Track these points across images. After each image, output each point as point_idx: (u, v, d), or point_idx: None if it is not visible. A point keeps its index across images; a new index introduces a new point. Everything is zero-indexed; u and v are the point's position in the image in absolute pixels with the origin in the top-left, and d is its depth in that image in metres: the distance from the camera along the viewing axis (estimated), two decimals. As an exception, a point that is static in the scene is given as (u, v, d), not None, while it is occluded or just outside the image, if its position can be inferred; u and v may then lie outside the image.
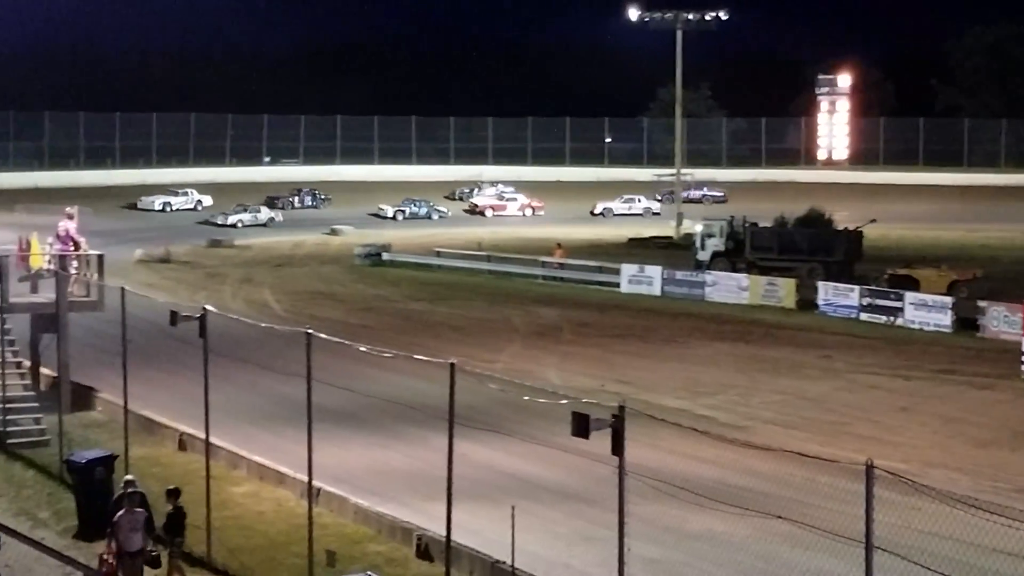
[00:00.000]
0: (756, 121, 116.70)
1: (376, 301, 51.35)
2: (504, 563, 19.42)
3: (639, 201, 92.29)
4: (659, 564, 18.98)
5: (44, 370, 32.49)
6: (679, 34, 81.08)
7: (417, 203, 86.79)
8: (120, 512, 18.96)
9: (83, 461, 23.52)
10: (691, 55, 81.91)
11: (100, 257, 33.06)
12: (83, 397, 30.96)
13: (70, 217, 33.55)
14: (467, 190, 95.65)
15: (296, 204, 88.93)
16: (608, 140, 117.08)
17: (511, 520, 18.81)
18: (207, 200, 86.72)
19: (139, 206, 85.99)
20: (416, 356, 22.91)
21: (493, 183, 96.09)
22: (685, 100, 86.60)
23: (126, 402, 25.15)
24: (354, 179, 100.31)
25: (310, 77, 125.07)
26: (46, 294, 32.00)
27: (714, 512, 18.05)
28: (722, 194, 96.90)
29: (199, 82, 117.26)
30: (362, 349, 23.41)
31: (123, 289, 25.09)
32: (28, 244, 33.12)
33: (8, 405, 29.07)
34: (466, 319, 47.28)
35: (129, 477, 20.32)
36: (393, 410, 28.41)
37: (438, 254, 63.27)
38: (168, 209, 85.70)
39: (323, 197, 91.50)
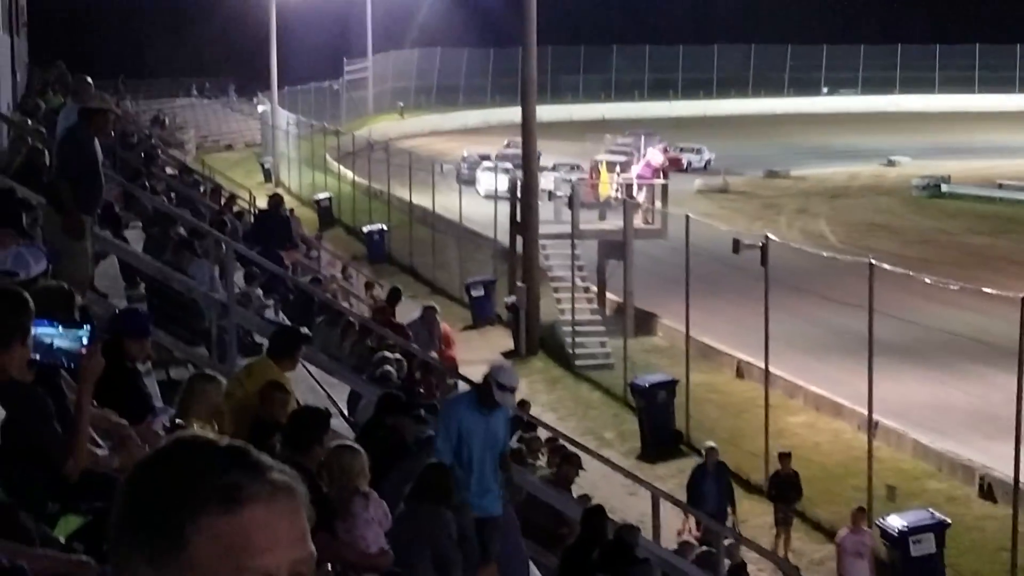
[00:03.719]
0: None
1: (933, 234, 50.04)
2: (1074, 507, 18.71)
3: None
4: None
5: (609, 295, 33.85)
6: None
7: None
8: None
9: (646, 385, 24.45)
10: None
11: (664, 187, 34.10)
12: (645, 323, 31.99)
13: (665, 151, 34.86)
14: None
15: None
16: None
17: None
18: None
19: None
20: (984, 289, 22.27)
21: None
22: None
23: (688, 328, 25.88)
24: (913, 110, 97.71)
25: (871, 4, 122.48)
26: (613, 222, 33.31)
27: None
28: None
29: (761, 12, 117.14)
30: (927, 281, 23.01)
31: (687, 217, 25.80)
32: (598, 173, 34.61)
33: (577, 328, 30.58)
34: (1030, 254, 45.30)
35: (711, 444, 20.09)
36: (952, 345, 27.75)
37: (1000, 186, 60.81)
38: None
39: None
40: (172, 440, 2.02)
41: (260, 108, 78.12)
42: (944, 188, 61.05)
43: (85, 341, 5.43)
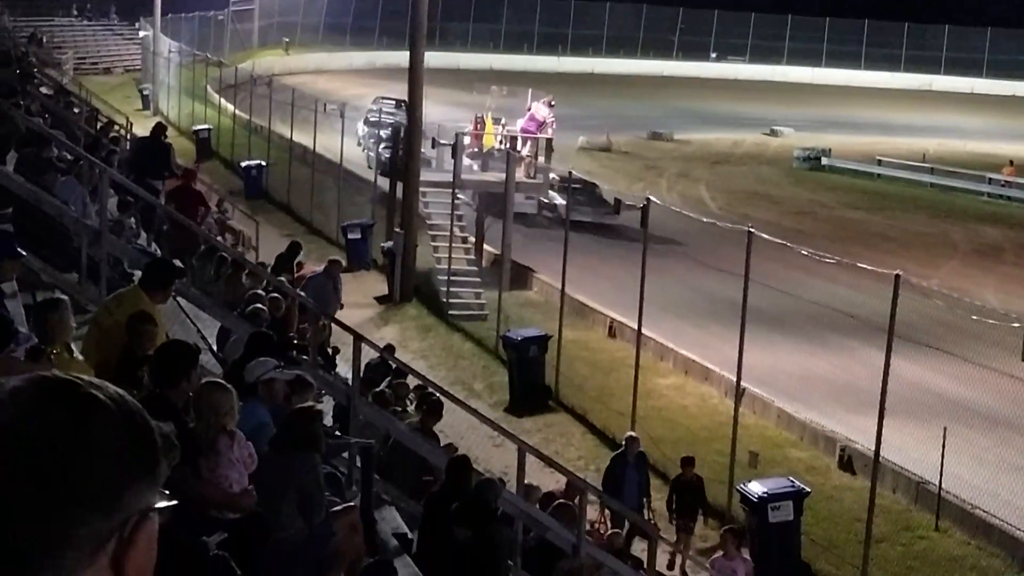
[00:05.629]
0: None
1: (811, 206, 50.67)
2: (930, 484, 19.08)
3: None
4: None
5: (487, 247, 33.74)
6: None
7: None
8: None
9: (519, 339, 24.44)
10: None
11: (549, 141, 33.98)
12: (521, 277, 31.95)
13: (550, 105, 34.62)
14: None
15: None
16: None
17: (942, 441, 18.42)
18: None
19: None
20: (859, 264, 22.54)
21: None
22: None
23: (563, 284, 25.88)
24: (800, 81, 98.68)
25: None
26: (495, 173, 33.16)
27: None
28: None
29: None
30: (804, 253, 23.22)
31: (570, 173, 25.74)
32: (483, 123, 34.41)
33: (453, 277, 30.46)
34: (902, 231, 46.07)
35: (632, 434, 19.12)
36: (822, 317, 28.11)
37: (879, 162, 61.71)
38: None
39: None
40: (54, 386, 1.78)
41: (142, 33, 76.53)
42: (824, 161, 61.83)
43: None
